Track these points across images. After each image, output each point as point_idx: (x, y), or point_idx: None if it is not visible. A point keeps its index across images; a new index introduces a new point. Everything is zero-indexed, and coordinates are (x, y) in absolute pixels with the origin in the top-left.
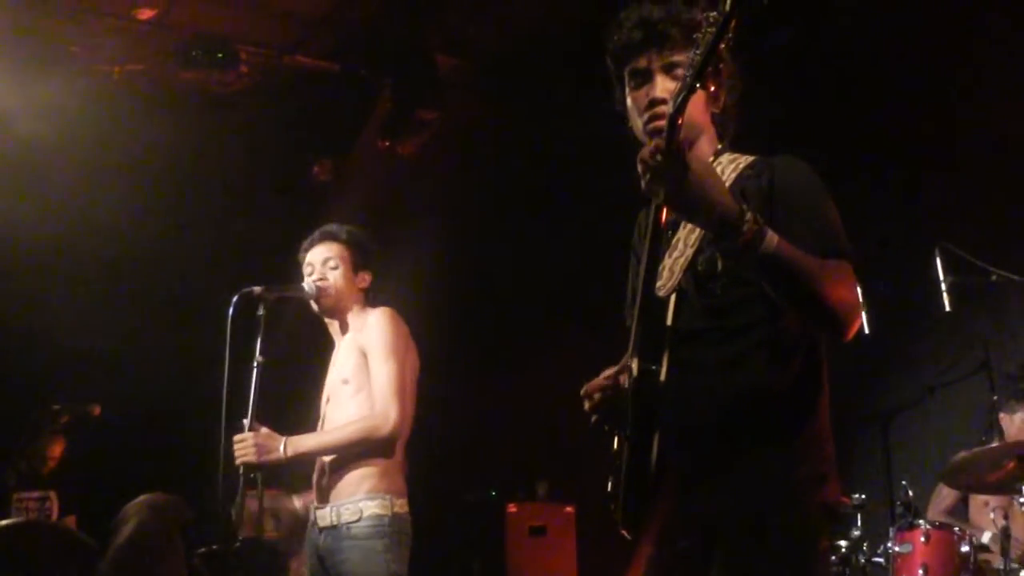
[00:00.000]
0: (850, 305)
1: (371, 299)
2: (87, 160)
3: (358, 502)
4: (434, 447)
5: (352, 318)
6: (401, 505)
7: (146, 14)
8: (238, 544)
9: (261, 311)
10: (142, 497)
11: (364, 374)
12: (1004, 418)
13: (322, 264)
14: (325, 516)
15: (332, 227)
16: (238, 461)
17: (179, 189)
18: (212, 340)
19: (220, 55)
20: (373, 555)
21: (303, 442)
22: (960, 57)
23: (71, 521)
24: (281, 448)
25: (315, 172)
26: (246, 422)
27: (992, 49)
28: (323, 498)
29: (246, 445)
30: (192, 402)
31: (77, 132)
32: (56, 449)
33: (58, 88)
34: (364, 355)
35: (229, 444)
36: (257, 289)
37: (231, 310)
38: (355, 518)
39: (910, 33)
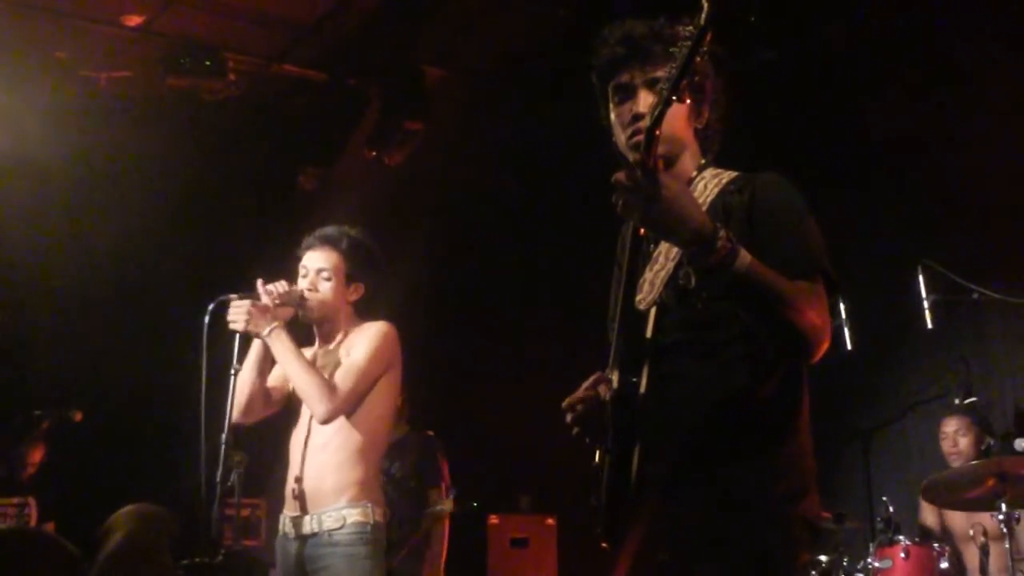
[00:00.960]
0: (817, 329)
1: (362, 310)
2: (72, 167)
3: (340, 510)
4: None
5: (343, 328)
6: (379, 514)
7: (134, 21)
8: (221, 556)
9: None
10: (129, 507)
11: None
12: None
13: (315, 272)
14: (306, 524)
15: (334, 232)
16: (231, 324)
17: (164, 196)
18: (194, 347)
19: (208, 63)
20: (357, 561)
21: (282, 346)
22: (943, 77)
23: (50, 528)
24: (267, 331)
25: (301, 181)
26: (223, 436)
27: (974, 70)
28: (301, 507)
29: (241, 311)
30: (173, 409)
31: (63, 139)
32: (36, 455)
33: (44, 94)
34: None
35: (210, 451)
36: (234, 296)
37: (207, 318)
38: (338, 525)
39: (895, 54)
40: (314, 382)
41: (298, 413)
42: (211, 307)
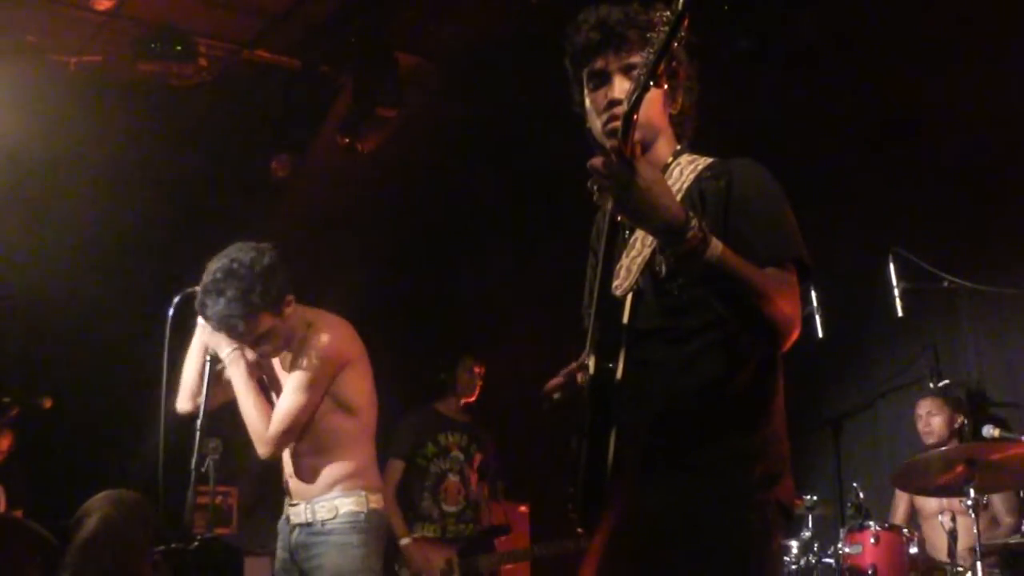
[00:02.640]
0: (787, 318)
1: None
2: (40, 153)
3: (333, 500)
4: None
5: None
6: (376, 500)
7: (104, 4)
8: (197, 543)
9: None
10: (104, 493)
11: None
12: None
13: (257, 342)
14: (300, 513)
15: (234, 303)
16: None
17: (134, 182)
18: (164, 336)
19: (179, 48)
20: (348, 549)
21: (237, 375)
22: (918, 65)
23: (18, 515)
24: (226, 352)
25: (273, 168)
26: (198, 422)
27: (951, 57)
28: (296, 495)
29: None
30: (143, 397)
31: (29, 124)
32: (4, 442)
33: (12, 78)
34: None
35: (168, 440)
36: (199, 288)
37: (171, 310)
38: (331, 515)
39: (870, 41)
40: (255, 423)
41: None
42: (176, 300)
